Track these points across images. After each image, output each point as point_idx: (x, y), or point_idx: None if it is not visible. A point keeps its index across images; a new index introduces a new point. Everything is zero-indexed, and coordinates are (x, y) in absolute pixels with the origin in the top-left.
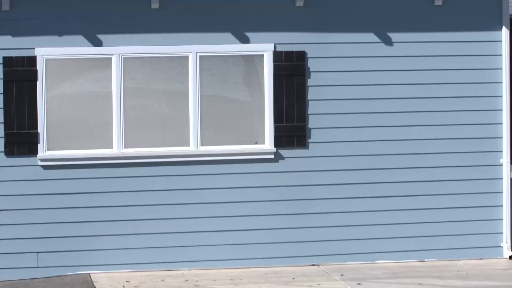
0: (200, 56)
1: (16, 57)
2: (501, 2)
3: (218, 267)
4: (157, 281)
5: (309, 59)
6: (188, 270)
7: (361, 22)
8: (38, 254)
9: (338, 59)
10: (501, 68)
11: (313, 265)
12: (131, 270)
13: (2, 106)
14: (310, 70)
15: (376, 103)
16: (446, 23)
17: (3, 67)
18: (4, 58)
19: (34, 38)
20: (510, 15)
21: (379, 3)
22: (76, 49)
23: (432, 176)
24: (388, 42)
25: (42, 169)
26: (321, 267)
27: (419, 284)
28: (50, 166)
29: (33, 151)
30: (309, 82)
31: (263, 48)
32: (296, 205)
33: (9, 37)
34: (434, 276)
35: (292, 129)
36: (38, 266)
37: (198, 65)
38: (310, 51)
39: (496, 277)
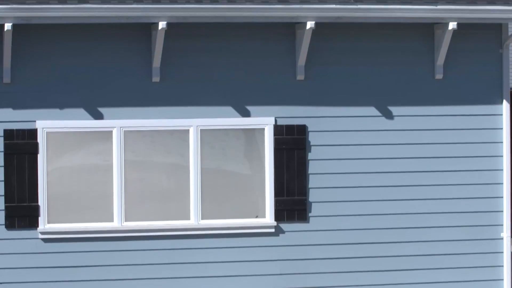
0: (200, 129)
1: (17, 130)
2: (502, 75)
3: None
4: None
5: (310, 133)
6: None
7: (362, 95)
8: None
9: (339, 132)
10: (502, 142)
11: None
12: None
13: (2, 178)
14: (311, 143)
15: (377, 177)
16: (447, 96)
17: (4, 140)
18: (5, 130)
19: (35, 111)
20: (511, 88)
21: (380, 76)
22: (77, 122)
23: (434, 249)
24: (389, 115)
25: (42, 242)
26: None
27: None
28: (51, 239)
29: (34, 224)
30: (310, 155)
31: (264, 122)
32: (297, 279)
33: (10, 110)
34: None
35: (292, 203)
36: None
37: (199, 138)
38: (311, 124)
39: None
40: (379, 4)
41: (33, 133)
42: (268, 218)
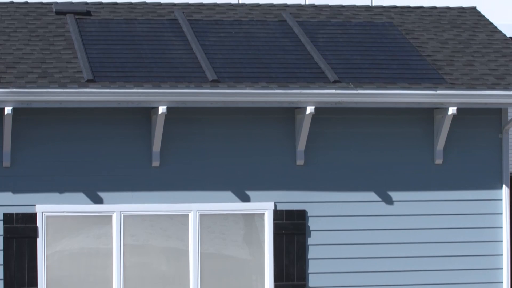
0: (200, 214)
1: (17, 214)
2: (501, 160)
3: None
4: None
5: (310, 218)
6: None
7: (361, 180)
8: None
9: (339, 218)
10: (502, 227)
11: None
12: None
13: (2, 262)
14: (311, 228)
15: (377, 262)
16: (446, 181)
17: (4, 224)
18: (5, 214)
19: (34, 195)
20: (510, 173)
21: (379, 161)
22: (77, 206)
23: None
24: (389, 201)
25: None
26: None
27: None
28: None
29: None
30: (310, 240)
31: (264, 207)
32: None
33: (9, 194)
34: None
35: None
36: None
37: (199, 223)
38: (310, 209)
39: None
40: (379, 89)
41: (32, 217)
42: None
